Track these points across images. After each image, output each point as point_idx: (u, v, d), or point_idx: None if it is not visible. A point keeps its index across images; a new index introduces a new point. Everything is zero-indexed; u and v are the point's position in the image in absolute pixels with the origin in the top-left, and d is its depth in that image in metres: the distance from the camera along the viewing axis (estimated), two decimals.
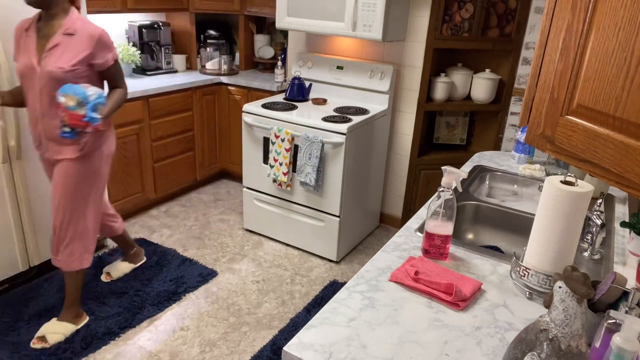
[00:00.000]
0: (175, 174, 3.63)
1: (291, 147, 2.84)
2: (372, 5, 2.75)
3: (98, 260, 2.83)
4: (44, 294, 2.51)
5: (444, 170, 1.34)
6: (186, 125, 3.60)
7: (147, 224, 3.35)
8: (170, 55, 3.79)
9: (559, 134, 0.88)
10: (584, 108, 0.82)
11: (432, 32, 3.00)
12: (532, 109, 0.94)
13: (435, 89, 3.19)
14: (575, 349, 0.81)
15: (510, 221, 1.71)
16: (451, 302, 1.15)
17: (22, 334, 2.23)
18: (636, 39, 0.70)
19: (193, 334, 2.34)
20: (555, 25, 0.87)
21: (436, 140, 3.58)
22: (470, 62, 3.33)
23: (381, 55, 3.23)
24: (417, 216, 1.62)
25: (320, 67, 3.34)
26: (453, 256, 1.39)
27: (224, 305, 2.57)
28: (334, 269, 2.97)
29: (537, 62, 0.92)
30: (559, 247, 1.15)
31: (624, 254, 1.45)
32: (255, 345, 2.30)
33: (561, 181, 1.15)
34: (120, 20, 3.66)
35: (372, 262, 1.32)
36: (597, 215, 1.40)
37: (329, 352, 0.98)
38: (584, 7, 0.81)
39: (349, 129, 2.71)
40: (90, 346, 2.20)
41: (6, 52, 2.23)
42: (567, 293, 0.82)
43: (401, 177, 3.42)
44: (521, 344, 0.87)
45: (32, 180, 2.48)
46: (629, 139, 0.73)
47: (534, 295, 1.21)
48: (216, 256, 3.01)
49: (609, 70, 0.76)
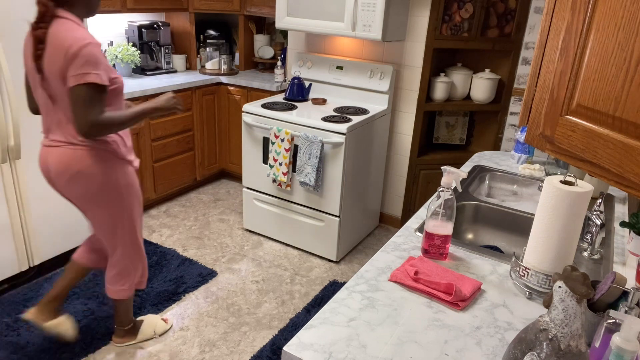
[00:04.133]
0: (175, 174, 3.63)
1: (291, 147, 2.84)
2: (372, 5, 2.75)
3: None
4: (44, 294, 2.51)
5: (443, 170, 1.34)
6: (186, 125, 3.60)
7: (147, 224, 3.35)
8: (169, 55, 3.79)
9: (558, 133, 0.88)
10: (583, 108, 0.82)
11: (432, 32, 3.00)
12: (531, 109, 0.94)
13: (435, 89, 3.19)
14: (575, 348, 0.81)
15: (510, 221, 1.71)
16: (451, 302, 1.15)
17: (22, 334, 2.22)
18: (636, 39, 0.70)
19: (193, 334, 2.34)
20: (554, 25, 0.87)
21: (436, 140, 3.59)
22: (470, 62, 3.33)
23: (381, 55, 3.23)
24: (416, 216, 1.62)
25: (320, 67, 3.34)
26: (453, 256, 1.39)
27: (224, 305, 2.57)
28: (333, 269, 2.97)
29: (536, 62, 0.92)
30: (559, 247, 1.15)
31: (624, 254, 1.46)
32: (255, 345, 2.30)
33: (561, 181, 1.15)
34: (120, 20, 3.66)
35: (372, 262, 1.32)
36: (597, 215, 1.40)
37: (329, 352, 0.98)
38: (583, 7, 0.81)
39: (348, 129, 2.71)
40: (90, 346, 2.20)
41: (6, 52, 2.23)
42: (567, 293, 0.82)
43: (401, 177, 3.42)
44: (521, 343, 0.88)
45: (32, 180, 2.48)
46: (628, 138, 0.73)
47: (533, 295, 1.21)
48: (216, 256, 3.01)
49: (609, 70, 0.76)
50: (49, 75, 1.69)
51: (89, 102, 1.66)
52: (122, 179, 1.88)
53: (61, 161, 1.79)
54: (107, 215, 1.91)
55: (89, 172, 1.80)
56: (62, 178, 1.81)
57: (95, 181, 1.81)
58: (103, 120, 1.70)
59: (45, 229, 2.60)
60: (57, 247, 2.69)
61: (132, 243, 2.02)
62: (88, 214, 1.92)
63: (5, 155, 2.33)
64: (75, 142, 1.78)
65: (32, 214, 2.52)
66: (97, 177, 1.81)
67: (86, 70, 1.64)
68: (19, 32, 2.27)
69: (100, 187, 1.83)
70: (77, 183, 1.81)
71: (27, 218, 2.50)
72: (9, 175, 2.37)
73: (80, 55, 1.63)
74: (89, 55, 1.64)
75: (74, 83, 1.64)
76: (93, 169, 1.80)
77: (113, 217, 1.92)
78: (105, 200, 1.87)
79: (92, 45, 1.65)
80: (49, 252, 2.66)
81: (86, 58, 1.63)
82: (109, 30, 3.60)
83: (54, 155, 1.80)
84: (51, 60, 1.66)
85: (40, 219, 2.56)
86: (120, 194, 1.89)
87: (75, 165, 1.78)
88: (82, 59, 1.63)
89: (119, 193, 1.89)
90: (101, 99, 1.70)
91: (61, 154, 1.79)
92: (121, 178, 1.88)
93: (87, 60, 1.64)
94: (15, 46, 2.26)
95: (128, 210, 1.95)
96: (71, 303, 2.45)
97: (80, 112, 1.67)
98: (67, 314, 2.24)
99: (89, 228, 2.15)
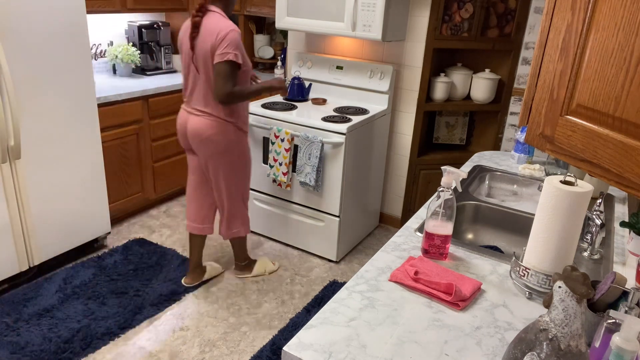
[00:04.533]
0: (175, 174, 3.63)
1: (291, 147, 2.83)
2: (372, 5, 2.75)
3: (98, 260, 2.83)
4: (44, 294, 2.51)
5: (443, 170, 1.34)
6: None
7: (147, 224, 3.35)
8: (169, 55, 3.79)
9: (558, 133, 0.88)
10: (583, 108, 0.82)
11: (432, 32, 3.00)
12: (531, 109, 0.94)
13: (434, 89, 3.19)
14: (575, 348, 0.81)
15: (510, 221, 1.71)
16: (451, 302, 1.15)
17: (22, 334, 2.22)
18: (636, 39, 0.70)
19: (193, 334, 2.34)
20: (554, 25, 0.87)
21: (436, 140, 3.58)
22: (470, 62, 3.33)
23: (381, 55, 3.23)
24: (416, 216, 1.62)
25: (319, 67, 3.34)
26: (453, 256, 1.39)
27: (224, 305, 2.57)
28: (333, 269, 2.97)
29: (536, 62, 0.92)
30: (559, 247, 1.15)
31: (624, 254, 1.46)
32: (255, 345, 2.30)
33: (561, 181, 1.15)
34: (119, 20, 3.66)
35: (372, 262, 1.32)
36: (597, 215, 1.40)
37: (329, 352, 0.98)
38: (583, 7, 0.81)
39: (348, 129, 2.71)
40: (90, 346, 2.20)
41: (6, 52, 2.23)
42: (567, 293, 0.82)
43: (401, 177, 3.42)
44: (521, 343, 0.88)
45: (32, 180, 2.48)
46: (628, 138, 0.73)
47: (533, 295, 1.21)
48: (216, 256, 3.01)
49: (609, 70, 0.76)
50: (199, 53, 2.20)
51: (226, 76, 2.17)
52: (239, 147, 2.41)
53: (198, 127, 2.31)
54: (224, 173, 2.43)
55: (216, 139, 2.32)
56: (196, 139, 2.34)
57: (220, 145, 2.34)
58: (234, 91, 2.21)
59: (45, 229, 2.60)
60: (57, 247, 2.70)
61: (240, 198, 2.55)
62: (211, 170, 2.43)
63: (5, 155, 2.33)
64: (211, 114, 2.29)
65: (32, 214, 2.52)
66: (222, 143, 2.34)
67: (228, 51, 2.14)
68: (19, 32, 2.27)
69: (223, 151, 2.36)
70: (207, 145, 2.34)
71: (27, 218, 2.50)
72: (9, 175, 2.37)
73: (225, 38, 2.14)
74: (231, 39, 2.15)
75: (218, 60, 2.16)
76: (219, 137, 2.32)
77: (227, 175, 2.44)
78: (225, 161, 2.39)
79: (234, 31, 2.17)
80: (49, 252, 2.66)
81: (229, 41, 2.14)
82: (109, 30, 3.60)
83: (192, 121, 2.32)
84: (203, 40, 2.18)
85: (40, 219, 2.57)
86: (236, 157, 2.42)
87: (207, 132, 2.31)
88: (226, 42, 2.14)
89: (236, 157, 2.42)
90: (235, 75, 2.21)
91: (199, 121, 2.31)
92: (239, 146, 2.41)
93: (229, 43, 2.14)
94: (16, 46, 2.26)
95: (240, 171, 2.48)
96: (71, 303, 2.45)
97: (220, 83, 2.18)
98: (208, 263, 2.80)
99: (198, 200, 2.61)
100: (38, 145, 2.47)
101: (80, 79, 2.61)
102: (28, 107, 2.38)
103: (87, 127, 2.70)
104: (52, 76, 2.46)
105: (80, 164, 2.71)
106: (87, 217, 2.82)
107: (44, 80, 2.43)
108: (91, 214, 2.84)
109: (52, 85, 2.47)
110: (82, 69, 2.60)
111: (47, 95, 2.46)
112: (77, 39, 2.54)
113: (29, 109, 2.39)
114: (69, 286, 2.58)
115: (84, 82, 2.63)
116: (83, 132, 2.69)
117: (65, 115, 2.57)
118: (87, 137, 2.72)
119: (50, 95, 2.47)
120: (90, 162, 2.77)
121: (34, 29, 2.33)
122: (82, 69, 2.60)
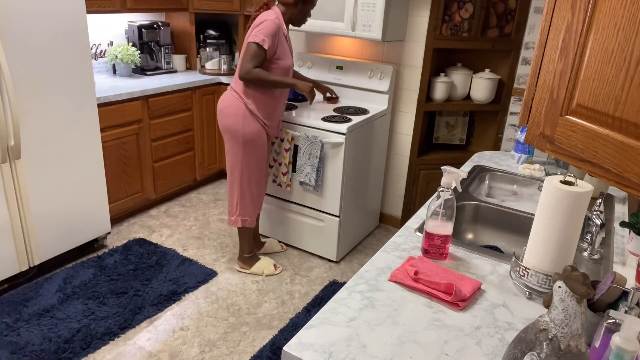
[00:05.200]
0: (175, 174, 3.63)
1: (291, 147, 2.83)
2: (372, 5, 2.75)
3: (98, 260, 2.83)
4: (44, 294, 2.51)
5: (443, 170, 1.34)
6: (186, 125, 3.60)
7: (147, 224, 3.35)
8: (169, 55, 3.79)
9: (558, 133, 0.88)
10: (583, 108, 0.82)
11: (432, 32, 3.00)
12: (531, 109, 0.94)
13: (434, 89, 3.19)
14: (575, 348, 0.81)
15: (510, 221, 1.71)
16: (451, 302, 1.15)
17: (22, 334, 2.22)
18: (635, 39, 0.70)
19: (193, 334, 2.34)
20: (554, 25, 0.87)
21: (436, 140, 3.58)
22: (470, 62, 3.33)
23: (381, 55, 3.23)
24: (416, 216, 1.62)
25: (320, 67, 3.34)
26: (453, 256, 1.39)
27: (224, 305, 2.57)
28: (333, 269, 2.97)
29: (536, 62, 0.92)
30: (559, 247, 1.15)
31: (624, 254, 1.46)
32: (255, 345, 2.30)
33: (561, 181, 1.15)
34: (119, 20, 3.66)
35: (372, 262, 1.32)
36: (597, 215, 1.40)
37: (329, 352, 0.98)
38: (583, 7, 0.81)
39: (348, 129, 2.71)
40: (90, 346, 2.20)
41: (6, 52, 2.23)
42: (567, 293, 0.82)
43: (401, 177, 3.42)
44: (521, 343, 0.88)
45: (32, 180, 2.48)
46: (628, 138, 0.73)
47: (533, 295, 1.21)
48: (216, 256, 3.01)
49: (609, 70, 0.76)
50: (245, 39, 2.40)
51: (250, 55, 2.34)
52: (246, 129, 2.48)
53: (221, 100, 2.56)
54: (229, 154, 2.56)
55: (226, 112, 2.49)
56: (218, 110, 2.56)
57: (228, 119, 2.49)
58: (254, 72, 2.36)
59: (45, 229, 2.60)
60: (57, 247, 2.69)
61: (237, 185, 2.60)
62: (225, 146, 2.58)
63: (5, 155, 2.33)
64: (232, 89, 2.51)
65: (32, 214, 2.52)
66: (230, 117, 2.48)
67: (257, 34, 2.32)
68: (19, 32, 2.27)
69: (231, 127, 2.49)
70: (220, 119, 2.54)
71: (27, 218, 2.50)
72: (9, 175, 2.37)
73: (260, 25, 2.33)
74: (265, 27, 2.33)
75: (247, 40, 2.36)
76: (229, 110, 2.48)
77: (231, 156, 2.56)
78: (231, 141, 2.52)
79: (271, 21, 2.34)
80: (49, 252, 2.66)
81: (262, 28, 2.32)
82: (109, 30, 3.60)
83: (222, 95, 2.57)
84: (250, 29, 2.40)
85: (40, 219, 2.57)
86: (241, 140, 2.50)
87: (222, 104, 2.53)
88: (259, 28, 2.33)
89: (240, 138, 2.49)
90: (259, 57, 2.35)
91: (225, 94, 2.55)
92: (247, 128, 2.48)
93: (261, 28, 2.32)
94: (16, 46, 2.26)
95: (244, 159, 2.54)
96: (71, 303, 2.45)
97: (243, 60, 2.36)
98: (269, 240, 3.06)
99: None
100: (38, 145, 2.47)
101: (80, 79, 2.61)
102: (28, 107, 2.38)
103: (87, 127, 2.71)
104: (52, 76, 2.46)
105: (80, 164, 2.71)
106: (87, 217, 2.82)
107: (44, 80, 2.43)
108: (91, 214, 2.84)
109: (52, 85, 2.47)
110: (82, 68, 2.60)
111: (47, 95, 2.46)
112: (77, 39, 2.54)
113: (29, 109, 2.39)
114: (69, 286, 2.58)
115: (84, 82, 2.64)
116: (83, 132, 2.69)
117: (65, 115, 2.57)
118: (87, 137, 2.72)
119: (50, 95, 2.47)
120: (90, 162, 2.77)
121: (34, 29, 2.33)
122: (82, 69, 2.61)
